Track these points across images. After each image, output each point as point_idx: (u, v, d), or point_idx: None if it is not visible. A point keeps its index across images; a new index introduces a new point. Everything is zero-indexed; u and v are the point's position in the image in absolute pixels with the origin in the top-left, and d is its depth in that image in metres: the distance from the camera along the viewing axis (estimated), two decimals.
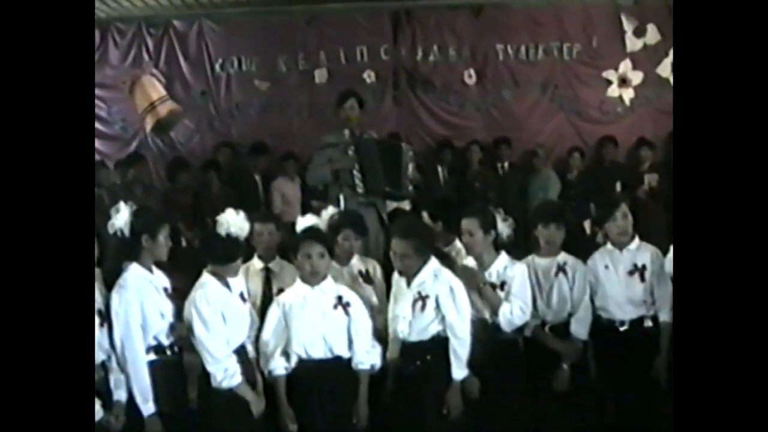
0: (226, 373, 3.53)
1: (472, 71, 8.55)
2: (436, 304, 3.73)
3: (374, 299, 4.25)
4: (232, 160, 8.13)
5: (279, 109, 8.54)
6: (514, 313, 3.91)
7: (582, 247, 4.37)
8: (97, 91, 8.35)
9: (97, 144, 8.39)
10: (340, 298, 3.76)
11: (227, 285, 3.71)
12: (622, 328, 4.05)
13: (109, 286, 3.54)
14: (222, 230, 3.62)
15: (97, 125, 8.41)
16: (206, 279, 3.66)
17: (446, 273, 3.80)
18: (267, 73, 8.52)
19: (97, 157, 8.27)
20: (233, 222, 3.64)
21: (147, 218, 3.59)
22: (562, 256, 4.15)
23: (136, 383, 3.42)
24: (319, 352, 3.71)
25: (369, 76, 8.51)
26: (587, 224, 5.75)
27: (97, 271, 3.60)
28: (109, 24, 8.45)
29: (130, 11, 8.46)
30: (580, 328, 4.06)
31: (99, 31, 8.38)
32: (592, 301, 4.09)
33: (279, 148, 8.10)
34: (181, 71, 8.49)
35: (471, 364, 3.76)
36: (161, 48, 8.48)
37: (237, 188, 7.62)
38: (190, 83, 8.49)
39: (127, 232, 3.53)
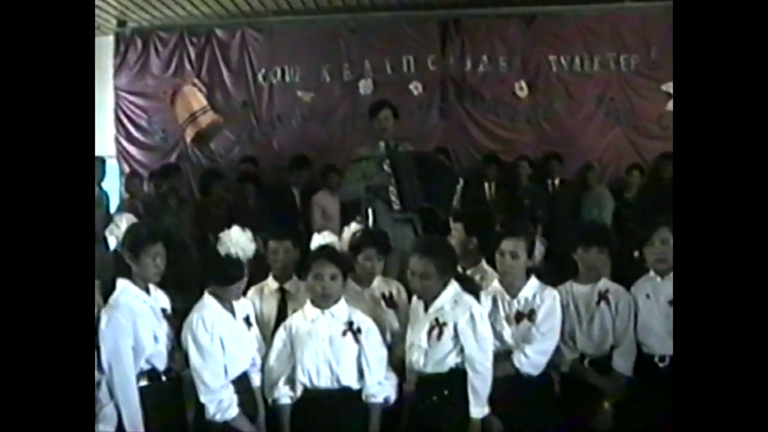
0: (220, 405, 3.25)
1: (523, 83, 8.22)
2: (454, 332, 3.37)
3: (396, 325, 3.91)
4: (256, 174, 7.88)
5: (321, 121, 8.35)
6: (531, 359, 3.55)
7: (638, 274, 3.93)
8: (138, 101, 8.40)
9: (137, 154, 8.41)
10: (350, 323, 3.45)
11: (231, 308, 3.44)
12: (662, 364, 3.59)
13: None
14: (222, 249, 3.34)
15: (138, 135, 8.43)
16: (206, 301, 3.39)
17: (467, 299, 3.44)
18: (310, 84, 8.34)
19: (136, 167, 8.23)
20: (236, 241, 3.36)
21: (133, 235, 3.32)
22: (603, 283, 3.76)
23: (126, 410, 3.15)
24: (325, 382, 3.41)
25: (416, 88, 8.26)
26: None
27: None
28: (151, 33, 8.42)
29: (172, 20, 8.40)
30: (623, 363, 3.65)
31: (141, 39, 8.40)
32: (634, 332, 3.68)
33: (320, 161, 7.81)
34: (223, 81, 8.38)
35: (493, 401, 3.40)
36: (203, 57, 8.39)
37: (274, 202, 7.38)
38: (232, 93, 8.37)
39: (119, 247, 3.30)
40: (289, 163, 7.73)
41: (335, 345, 3.42)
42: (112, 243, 3.40)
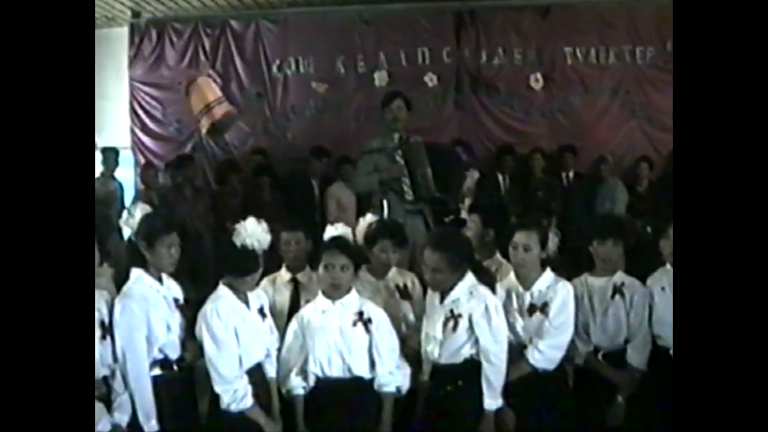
0: (235, 395, 3.25)
1: (538, 75, 8.19)
2: (469, 324, 3.37)
3: (411, 316, 3.92)
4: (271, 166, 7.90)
5: (336, 112, 8.35)
6: (545, 354, 3.54)
7: (652, 268, 3.88)
8: (153, 92, 8.42)
9: (152, 145, 8.44)
10: (361, 314, 3.45)
11: (245, 298, 3.45)
12: None
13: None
14: (238, 240, 3.35)
15: (153, 126, 8.46)
16: (221, 292, 3.39)
17: (483, 291, 3.43)
18: (325, 75, 8.33)
19: (151, 157, 8.26)
20: (251, 232, 3.36)
21: (148, 225, 3.32)
22: (619, 276, 3.73)
23: (139, 399, 3.16)
24: (337, 372, 3.42)
25: (431, 79, 8.24)
26: None
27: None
28: (165, 24, 8.43)
29: (187, 11, 8.42)
30: (637, 357, 3.63)
31: (156, 31, 8.42)
32: (649, 325, 3.67)
33: (335, 152, 7.81)
34: (238, 72, 8.39)
35: (507, 393, 3.40)
36: (218, 48, 8.40)
37: (292, 193, 7.42)
38: (246, 85, 8.38)
39: (133, 237, 3.31)
40: (310, 153, 7.74)
41: (346, 335, 3.42)
42: (127, 233, 3.42)
